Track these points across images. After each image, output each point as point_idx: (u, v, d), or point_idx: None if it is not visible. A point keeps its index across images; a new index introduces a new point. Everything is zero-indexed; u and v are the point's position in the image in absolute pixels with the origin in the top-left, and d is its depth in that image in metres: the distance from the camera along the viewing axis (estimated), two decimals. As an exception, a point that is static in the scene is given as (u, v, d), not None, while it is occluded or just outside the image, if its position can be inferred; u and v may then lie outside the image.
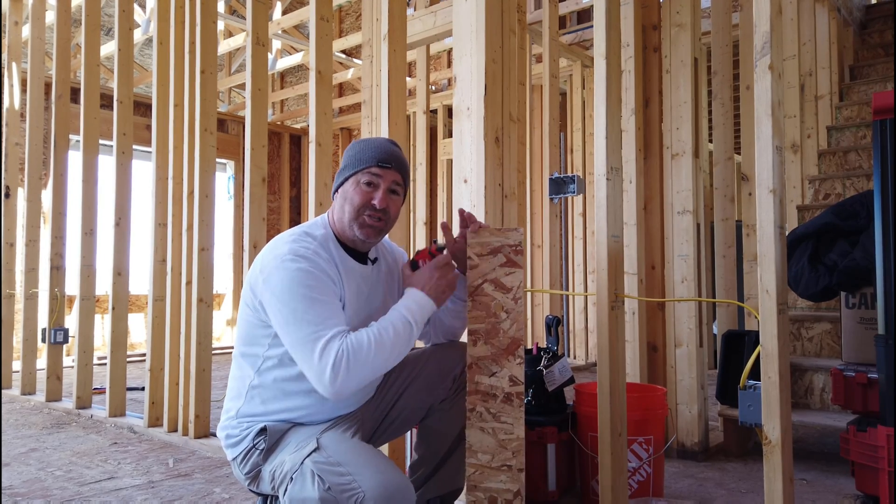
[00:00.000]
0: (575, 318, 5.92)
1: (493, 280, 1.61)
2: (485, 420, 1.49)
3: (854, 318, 2.58)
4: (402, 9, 2.50)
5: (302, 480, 1.40)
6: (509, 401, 1.50)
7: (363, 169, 1.60)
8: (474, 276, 1.63)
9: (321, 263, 1.51)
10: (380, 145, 1.64)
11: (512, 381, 1.52)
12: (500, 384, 1.52)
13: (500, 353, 1.55)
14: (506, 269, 1.61)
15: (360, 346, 1.41)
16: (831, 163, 4.01)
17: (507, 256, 1.62)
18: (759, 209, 1.66)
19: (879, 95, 1.75)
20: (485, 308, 1.60)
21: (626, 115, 2.90)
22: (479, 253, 1.63)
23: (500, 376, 1.53)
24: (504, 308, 1.59)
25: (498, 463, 1.45)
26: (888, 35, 4.88)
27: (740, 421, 1.74)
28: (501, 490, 1.42)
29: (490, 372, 1.54)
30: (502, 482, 1.43)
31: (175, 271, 3.29)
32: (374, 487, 1.32)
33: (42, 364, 5.08)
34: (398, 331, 1.47)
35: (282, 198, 8.48)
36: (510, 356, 1.55)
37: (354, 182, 1.60)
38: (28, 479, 2.58)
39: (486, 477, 1.44)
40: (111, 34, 7.56)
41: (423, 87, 4.69)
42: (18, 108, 4.81)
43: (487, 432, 1.48)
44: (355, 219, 1.59)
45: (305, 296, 1.45)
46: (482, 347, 1.56)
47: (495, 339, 1.57)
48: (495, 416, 1.49)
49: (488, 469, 1.44)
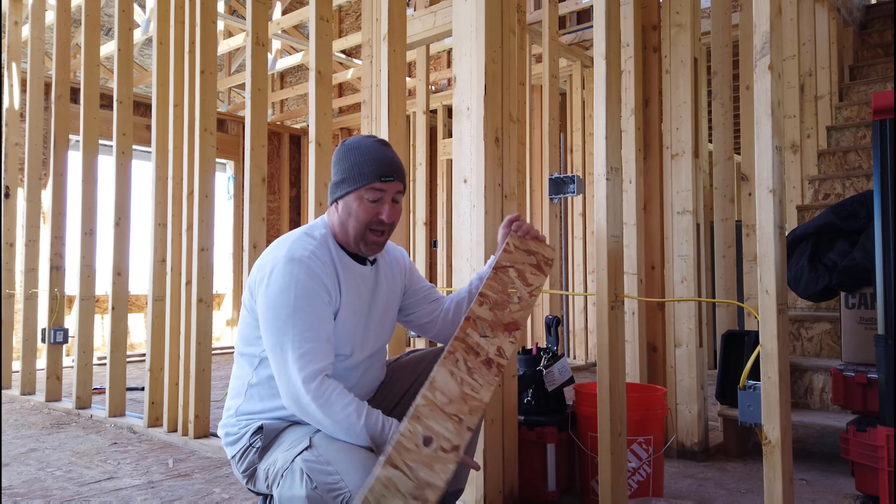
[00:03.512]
0: (575, 318, 5.92)
1: (520, 270, 1.67)
2: (458, 368, 1.45)
3: (854, 318, 2.58)
4: (402, 9, 2.50)
5: (291, 478, 1.41)
6: (489, 365, 1.49)
7: (366, 185, 1.57)
8: (505, 258, 1.68)
9: (316, 268, 1.51)
10: (379, 158, 1.59)
11: (499, 352, 1.51)
12: (488, 348, 1.51)
13: (500, 324, 1.56)
14: (533, 269, 1.69)
15: (329, 396, 1.44)
16: (831, 163, 4.01)
17: (539, 262, 1.71)
18: (759, 209, 1.66)
19: (879, 95, 1.75)
20: (502, 285, 1.64)
21: (626, 115, 2.90)
22: (517, 246, 1.71)
23: (490, 341, 1.53)
24: (519, 295, 1.63)
25: (452, 410, 1.40)
26: (888, 35, 4.88)
27: (740, 421, 1.74)
28: (441, 436, 1.36)
29: (483, 333, 1.54)
30: (446, 429, 1.37)
31: (175, 271, 3.29)
32: (359, 486, 1.32)
33: (42, 364, 5.08)
34: (351, 428, 1.43)
35: (282, 198, 8.48)
36: (507, 332, 1.56)
37: (357, 198, 1.58)
38: (28, 480, 2.58)
39: (434, 416, 1.39)
40: (111, 34, 7.56)
41: (423, 87, 4.69)
42: (18, 108, 4.81)
43: (455, 379, 1.43)
44: (362, 236, 1.60)
45: (293, 305, 1.47)
46: (486, 311, 1.57)
47: (501, 311, 1.59)
48: (469, 371, 1.46)
49: (439, 410, 1.39)
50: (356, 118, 7.91)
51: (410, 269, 1.84)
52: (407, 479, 1.28)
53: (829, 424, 2.57)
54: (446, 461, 1.33)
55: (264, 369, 1.58)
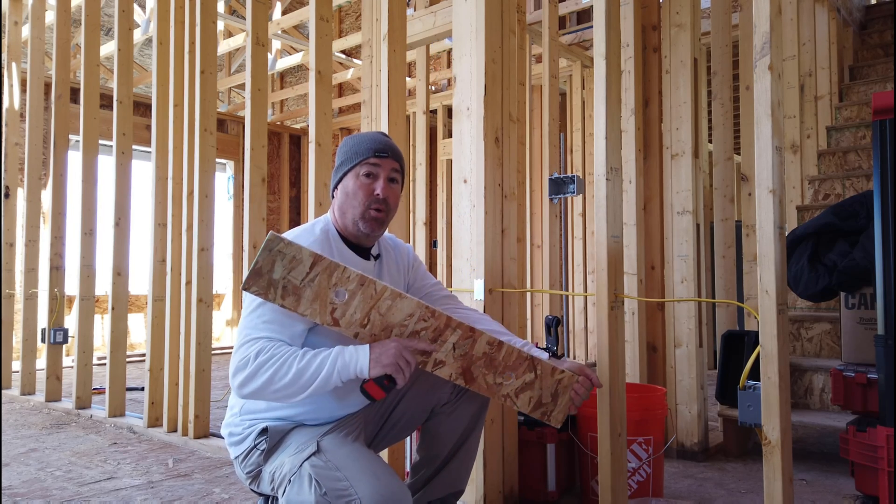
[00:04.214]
0: (575, 318, 5.92)
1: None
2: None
3: (854, 319, 2.58)
4: (402, 9, 2.50)
5: (300, 483, 1.40)
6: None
7: (361, 161, 1.61)
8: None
9: None
10: (373, 137, 1.65)
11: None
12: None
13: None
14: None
15: (269, 358, 1.40)
16: (831, 163, 4.01)
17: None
18: (759, 209, 1.66)
19: (879, 96, 1.75)
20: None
21: (626, 116, 2.90)
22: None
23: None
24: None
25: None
26: (888, 35, 4.88)
27: (740, 421, 1.74)
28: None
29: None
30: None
31: (175, 271, 3.29)
32: (369, 494, 1.32)
33: (42, 364, 5.08)
34: (308, 369, 1.40)
35: (281, 198, 8.47)
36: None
37: (354, 176, 1.61)
38: (27, 480, 2.58)
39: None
40: (111, 34, 7.56)
41: (423, 88, 4.69)
42: (18, 108, 4.81)
43: None
44: (361, 214, 1.60)
45: (258, 299, 1.47)
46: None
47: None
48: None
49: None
50: (356, 118, 7.91)
51: (414, 265, 1.83)
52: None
53: (829, 424, 2.57)
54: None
55: None
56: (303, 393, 1.41)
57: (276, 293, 1.41)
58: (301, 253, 1.41)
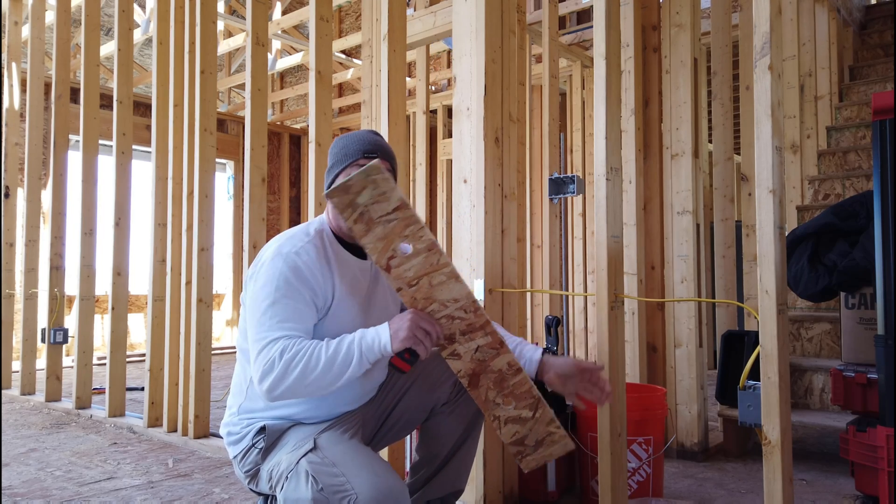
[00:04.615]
0: (575, 318, 5.91)
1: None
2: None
3: (854, 319, 2.58)
4: (402, 9, 2.50)
5: (297, 480, 1.40)
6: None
7: (351, 162, 1.61)
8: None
9: (300, 264, 1.50)
10: (362, 137, 1.65)
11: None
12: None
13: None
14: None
15: (294, 354, 1.40)
16: (831, 163, 4.01)
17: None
18: (759, 209, 1.66)
19: (879, 96, 1.75)
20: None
21: (626, 116, 2.90)
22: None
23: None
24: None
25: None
26: (888, 35, 4.88)
27: (740, 421, 1.74)
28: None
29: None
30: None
31: (175, 271, 3.29)
32: (367, 490, 1.32)
33: (42, 364, 5.08)
34: (337, 357, 1.41)
35: (281, 198, 8.47)
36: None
37: (344, 177, 1.60)
38: (27, 480, 2.58)
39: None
40: (111, 34, 7.56)
41: (423, 88, 4.68)
42: (18, 108, 4.81)
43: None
44: None
45: (270, 296, 1.46)
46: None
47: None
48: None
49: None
50: (356, 118, 7.91)
51: None
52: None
53: (828, 424, 2.57)
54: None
55: None
56: (337, 382, 1.42)
57: (352, 214, 1.43)
58: (392, 193, 1.41)
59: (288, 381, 1.39)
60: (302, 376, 1.39)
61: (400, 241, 1.44)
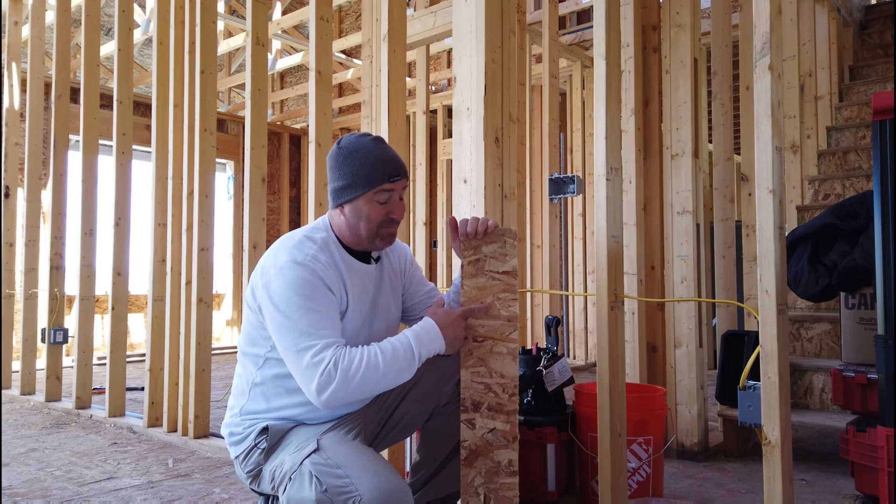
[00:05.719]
0: (575, 318, 5.92)
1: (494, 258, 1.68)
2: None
3: (853, 319, 2.58)
4: (402, 9, 2.50)
5: (300, 481, 1.40)
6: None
7: (376, 188, 1.57)
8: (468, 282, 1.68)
9: (319, 271, 1.50)
10: (383, 159, 1.59)
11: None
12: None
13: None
14: (501, 254, 1.67)
15: (350, 363, 1.40)
16: (831, 163, 4.01)
17: (505, 246, 1.68)
18: (759, 209, 1.66)
19: (879, 96, 1.75)
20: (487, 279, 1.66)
21: (626, 116, 2.90)
22: (478, 244, 1.68)
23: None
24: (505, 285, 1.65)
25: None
26: (888, 35, 4.88)
27: (740, 421, 1.74)
28: None
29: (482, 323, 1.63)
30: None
31: (175, 271, 3.29)
32: (370, 491, 1.32)
33: (42, 364, 5.08)
34: (397, 356, 1.45)
35: (281, 198, 8.47)
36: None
37: (367, 201, 1.58)
38: (27, 480, 2.58)
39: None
40: (111, 34, 7.56)
41: (423, 88, 4.69)
42: (18, 108, 4.81)
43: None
44: (376, 235, 1.61)
45: (300, 305, 1.45)
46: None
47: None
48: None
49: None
50: (356, 118, 7.91)
51: (411, 269, 1.83)
52: None
53: (828, 425, 2.57)
54: None
55: (269, 369, 1.57)
56: (392, 385, 1.47)
57: (472, 256, 1.62)
58: (511, 259, 1.61)
59: (348, 390, 1.41)
60: (362, 385, 1.41)
61: (493, 299, 1.60)
